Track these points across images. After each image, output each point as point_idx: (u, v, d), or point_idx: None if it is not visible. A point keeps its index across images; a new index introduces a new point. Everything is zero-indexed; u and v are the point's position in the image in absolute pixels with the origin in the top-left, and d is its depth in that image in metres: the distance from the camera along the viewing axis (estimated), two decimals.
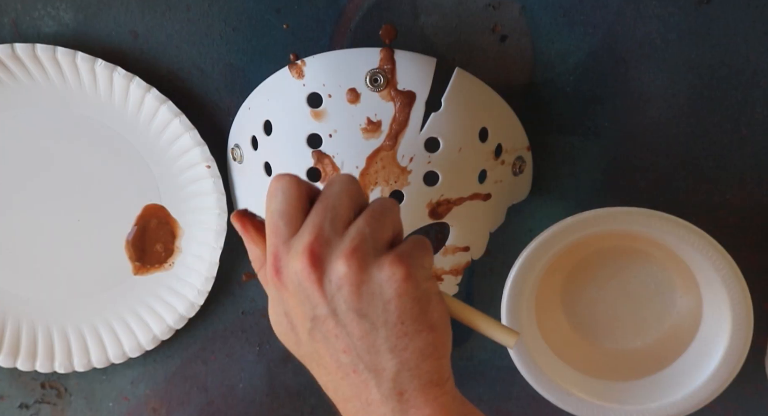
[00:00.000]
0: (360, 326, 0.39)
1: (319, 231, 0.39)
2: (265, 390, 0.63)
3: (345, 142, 0.50)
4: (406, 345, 0.40)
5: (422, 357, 0.40)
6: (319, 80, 0.51)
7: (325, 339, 0.40)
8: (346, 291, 0.39)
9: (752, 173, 0.57)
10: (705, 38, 0.55)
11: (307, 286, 0.39)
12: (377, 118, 0.50)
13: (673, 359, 0.58)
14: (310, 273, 0.39)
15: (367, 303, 0.39)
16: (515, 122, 0.55)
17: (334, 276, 0.39)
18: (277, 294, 0.41)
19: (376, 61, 0.50)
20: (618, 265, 0.59)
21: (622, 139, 0.57)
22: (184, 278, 0.60)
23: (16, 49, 0.55)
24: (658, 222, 0.53)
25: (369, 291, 0.39)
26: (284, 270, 0.40)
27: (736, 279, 0.53)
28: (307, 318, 0.40)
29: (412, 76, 0.50)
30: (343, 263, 0.39)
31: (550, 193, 0.59)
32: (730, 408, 0.61)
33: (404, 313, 0.39)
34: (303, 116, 0.51)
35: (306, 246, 0.39)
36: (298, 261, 0.39)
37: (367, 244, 0.39)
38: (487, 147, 0.53)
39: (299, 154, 0.51)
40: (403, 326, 0.39)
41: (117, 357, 0.60)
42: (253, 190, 0.56)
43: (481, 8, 0.55)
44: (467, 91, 0.52)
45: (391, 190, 0.51)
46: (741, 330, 0.54)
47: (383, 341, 0.39)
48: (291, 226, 0.41)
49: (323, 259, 0.39)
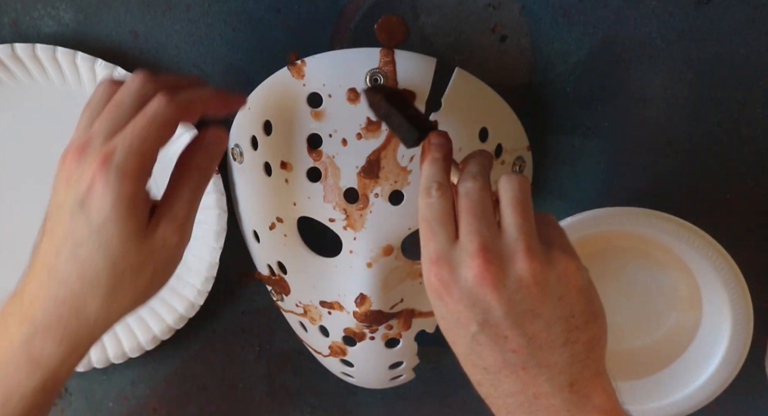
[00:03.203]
0: (534, 324, 0.39)
1: (482, 235, 0.39)
2: (265, 390, 0.63)
3: (345, 141, 0.50)
4: (577, 337, 0.40)
5: (591, 347, 0.41)
6: (319, 80, 0.50)
7: (491, 342, 0.40)
8: (526, 292, 0.39)
9: (752, 173, 0.57)
10: (705, 38, 0.55)
11: (479, 292, 0.39)
12: (377, 118, 0.50)
13: (673, 359, 0.58)
14: (485, 278, 0.39)
15: (542, 300, 0.39)
16: (515, 122, 0.55)
17: (512, 278, 0.39)
18: (439, 301, 0.41)
19: (376, 61, 0.50)
20: (618, 265, 0.59)
21: (622, 139, 0.57)
22: (184, 278, 0.60)
23: (16, 49, 0.55)
24: (658, 222, 0.53)
25: (546, 288, 0.39)
26: (450, 278, 0.40)
27: (736, 280, 0.53)
28: (473, 322, 0.40)
29: (412, 76, 0.50)
30: (523, 264, 0.39)
31: (550, 193, 0.59)
32: (730, 408, 0.61)
33: (575, 306, 0.40)
34: (303, 116, 0.51)
35: (476, 253, 0.39)
36: (468, 269, 0.39)
37: (536, 240, 0.40)
38: (487, 147, 0.53)
39: (299, 154, 0.51)
40: (573, 319, 0.40)
41: (117, 357, 0.60)
42: (253, 190, 0.56)
43: (481, 8, 0.55)
44: (467, 91, 0.52)
45: (392, 189, 0.51)
46: (741, 330, 0.54)
47: (556, 336, 0.40)
48: (450, 232, 0.40)
49: (496, 264, 0.39)
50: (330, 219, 0.52)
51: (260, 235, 0.56)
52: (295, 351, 0.63)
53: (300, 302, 0.57)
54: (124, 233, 0.42)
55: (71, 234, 0.42)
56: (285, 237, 0.54)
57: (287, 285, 0.57)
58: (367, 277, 0.52)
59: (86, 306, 0.43)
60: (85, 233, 0.42)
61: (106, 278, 0.42)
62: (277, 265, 0.57)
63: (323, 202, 0.52)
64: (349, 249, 0.53)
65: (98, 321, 0.44)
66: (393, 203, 0.51)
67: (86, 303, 0.43)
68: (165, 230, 0.43)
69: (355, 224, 0.52)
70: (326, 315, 0.55)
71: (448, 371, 0.62)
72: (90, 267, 0.42)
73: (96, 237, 0.41)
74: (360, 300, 0.53)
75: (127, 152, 0.41)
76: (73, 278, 0.43)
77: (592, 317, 0.41)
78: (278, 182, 0.53)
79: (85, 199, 0.41)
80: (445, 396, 0.63)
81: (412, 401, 0.63)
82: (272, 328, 0.62)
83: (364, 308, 0.53)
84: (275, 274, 0.57)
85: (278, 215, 0.54)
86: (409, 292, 0.54)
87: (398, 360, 0.58)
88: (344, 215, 0.52)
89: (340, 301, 0.54)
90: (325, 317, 0.56)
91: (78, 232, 0.42)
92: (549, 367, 0.40)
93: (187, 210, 0.45)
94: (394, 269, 0.53)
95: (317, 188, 0.52)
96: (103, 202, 0.41)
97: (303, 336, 0.60)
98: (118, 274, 0.43)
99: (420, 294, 0.55)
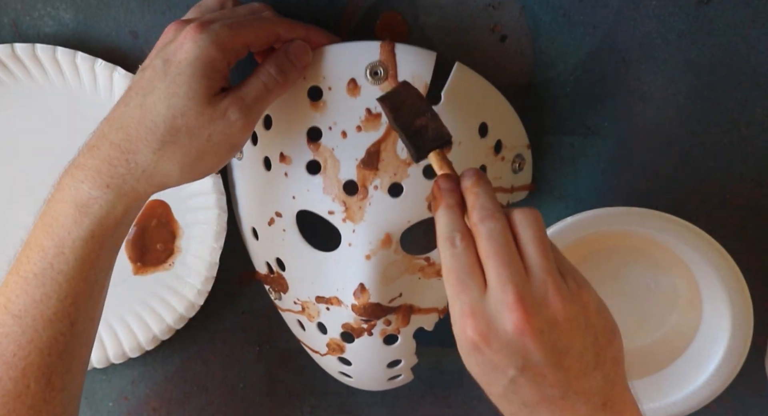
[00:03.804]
0: (569, 358, 0.40)
1: (516, 284, 0.39)
2: (265, 390, 0.63)
3: (345, 134, 0.50)
4: (605, 358, 0.41)
5: (617, 363, 0.42)
6: (319, 73, 0.51)
7: (530, 382, 0.40)
8: (560, 331, 0.39)
9: (752, 173, 0.57)
10: (705, 38, 0.55)
11: (520, 341, 0.39)
12: (377, 111, 0.50)
13: (673, 359, 0.58)
14: (525, 329, 0.38)
15: (572, 335, 0.40)
16: (515, 119, 0.55)
17: (548, 322, 0.39)
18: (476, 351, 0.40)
19: (377, 54, 0.50)
20: (618, 265, 0.59)
21: (622, 139, 0.57)
22: (184, 278, 0.60)
23: (16, 49, 0.55)
24: (658, 222, 0.53)
25: (574, 322, 0.40)
26: (489, 331, 0.39)
27: (736, 279, 0.53)
28: (512, 367, 0.40)
29: (412, 70, 0.50)
30: (556, 307, 0.39)
31: (550, 193, 0.59)
32: (730, 408, 0.61)
33: (597, 329, 0.40)
34: (303, 109, 0.51)
35: (513, 306, 0.39)
36: (508, 321, 0.39)
37: (560, 278, 0.40)
38: (487, 142, 0.53)
39: (299, 147, 0.51)
40: (598, 341, 0.40)
41: (117, 357, 0.60)
42: (252, 185, 0.56)
43: (481, 8, 0.55)
44: (467, 86, 0.52)
45: (391, 182, 0.51)
46: (741, 330, 0.54)
47: (587, 362, 0.40)
48: (480, 283, 0.40)
49: (532, 313, 0.39)
50: (329, 212, 0.52)
51: (259, 232, 0.56)
52: (295, 351, 0.62)
53: (298, 299, 0.57)
54: (191, 89, 0.45)
55: (145, 85, 0.45)
56: (284, 233, 0.55)
57: (285, 283, 0.57)
58: (367, 269, 0.52)
59: (137, 153, 0.45)
60: (158, 83, 0.45)
61: (163, 128, 0.45)
62: (276, 262, 0.57)
63: (322, 194, 0.52)
64: (348, 242, 0.53)
65: (145, 174, 0.46)
66: (392, 195, 0.51)
67: (138, 149, 0.45)
68: (229, 103, 0.46)
69: (354, 216, 0.52)
70: (324, 312, 0.55)
71: (448, 371, 0.62)
72: (151, 113, 0.45)
73: (166, 86, 0.45)
74: (359, 290, 0.53)
75: (226, 26, 0.46)
76: (133, 122, 0.45)
77: (611, 333, 0.41)
78: (277, 176, 0.53)
79: (170, 58, 0.45)
80: (445, 396, 0.63)
81: (412, 401, 0.63)
82: (272, 328, 0.62)
83: (363, 299, 0.53)
84: (273, 272, 0.57)
85: (277, 210, 0.54)
86: (408, 287, 0.54)
87: (396, 358, 0.58)
88: (343, 207, 0.52)
89: (338, 296, 0.54)
90: (323, 313, 0.56)
91: (152, 83, 0.45)
92: (585, 392, 0.41)
93: (254, 97, 0.47)
94: (393, 262, 0.53)
95: (317, 180, 0.52)
96: (185, 56, 0.45)
97: (300, 336, 0.60)
98: (175, 129, 0.45)
99: (419, 290, 0.55)
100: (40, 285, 0.46)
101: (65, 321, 0.46)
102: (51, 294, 0.46)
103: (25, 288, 0.46)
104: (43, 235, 0.47)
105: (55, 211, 0.46)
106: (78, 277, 0.46)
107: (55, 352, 0.46)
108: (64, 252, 0.46)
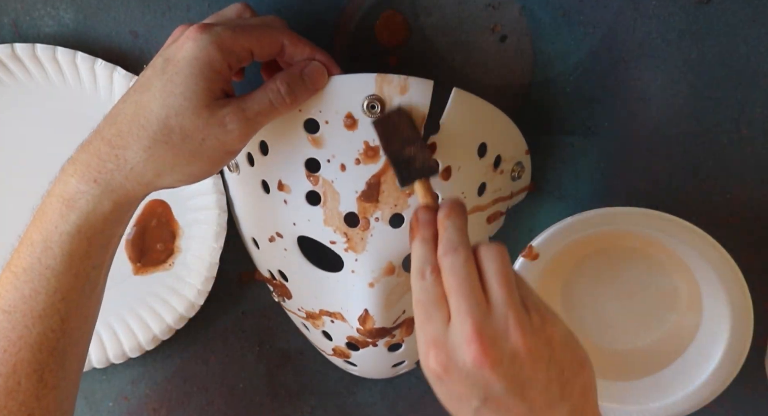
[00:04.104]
0: (532, 390, 0.40)
1: (474, 317, 0.39)
2: (265, 390, 0.63)
3: (344, 167, 0.49)
4: (571, 390, 0.41)
5: (585, 394, 0.42)
6: (316, 106, 0.49)
7: (495, 414, 0.40)
8: (521, 364, 0.39)
9: (752, 173, 0.57)
10: (705, 38, 0.55)
11: (478, 373, 0.39)
12: (375, 143, 0.48)
13: (673, 359, 0.58)
14: (483, 361, 0.39)
15: (535, 368, 0.40)
16: (514, 132, 0.54)
17: (508, 355, 0.39)
18: (439, 381, 0.41)
19: (372, 87, 0.48)
20: (618, 265, 0.59)
21: (622, 139, 0.57)
22: (184, 278, 0.60)
23: (16, 49, 0.55)
24: (658, 222, 0.53)
25: (537, 354, 0.40)
26: (449, 362, 0.40)
27: (736, 279, 0.53)
28: (475, 398, 0.40)
29: (409, 101, 0.48)
30: (517, 340, 0.39)
31: (550, 193, 0.59)
32: (730, 408, 0.61)
33: (563, 362, 0.40)
34: (300, 141, 0.50)
35: (471, 338, 0.39)
36: (466, 353, 0.39)
37: (523, 311, 0.40)
38: (486, 161, 0.53)
39: (297, 177, 0.50)
40: (564, 374, 0.40)
41: (117, 357, 0.60)
42: (251, 202, 0.55)
43: (481, 8, 0.55)
44: (465, 111, 0.50)
45: (392, 213, 0.50)
46: (741, 330, 0.54)
47: (553, 395, 0.40)
48: (444, 315, 0.40)
49: (491, 345, 0.39)
50: (331, 242, 0.52)
51: (260, 244, 0.56)
52: (295, 351, 0.63)
53: (302, 307, 0.57)
54: (189, 90, 0.44)
55: (144, 82, 0.45)
56: (285, 251, 0.54)
57: (288, 291, 0.57)
58: (370, 297, 0.52)
59: (127, 149, 0.45)
60: (156, 81, 0.44)
61: (156, 126, 0.44)
62: (278, 273, 0.56)
63: (324, 226, 0.51)
64: (351, 269, 0.52)
65: (133, 171, 0.45)
66: (393, 226, 0.51)
67: (128, 145, 0.44)
68: (229, 112, 0.45)
69: (357, 247, 0.51)
70: (329, 323, 0.55)
71: None
72: (145, 110, 0.44)
73: (162, 85, 0.44)
74: (363, 317, 0.53)
75: (228, 28, 0.45)
76: (127, 119, 0.45)
77: (579, 366, 0.41)
78: (277, 201, 0.52)
79: (170, 57, 0.45)
80: None
81: (412, 401, 0.63)
82: (272, 328, 0.62)
83: (368, 326, 0.52)
84: (276, 279, 0.57)
85: (278, 231, 0.53)
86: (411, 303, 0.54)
87: (401, 360, 0.58)
88: (345, 238, 0.51)
89: (342, 313, 0.54)
90: (327, 324, 0.56)
91: (150, 81, 0.45)
92: None
93: (257, 111, 0.46)
94: (395, 286, 0.53)
95: (317, 211, 0.51)
96: (184, 55, 0.44)
97: (306, 334, 0.60)
98: (167, 129, 0.44)
99: None
100: (29, 281, 0.46)
101: (55, 318, 0.46)
102: (39, 289, 0.46)
103: (14, 283, 0.46)
104: (33, 230, 0.46)
105: (44, 206, 0.46)
106: (67, 273, 0.46)
107: (46, 349, 0.46)
108: (51, 247, 0.46)
